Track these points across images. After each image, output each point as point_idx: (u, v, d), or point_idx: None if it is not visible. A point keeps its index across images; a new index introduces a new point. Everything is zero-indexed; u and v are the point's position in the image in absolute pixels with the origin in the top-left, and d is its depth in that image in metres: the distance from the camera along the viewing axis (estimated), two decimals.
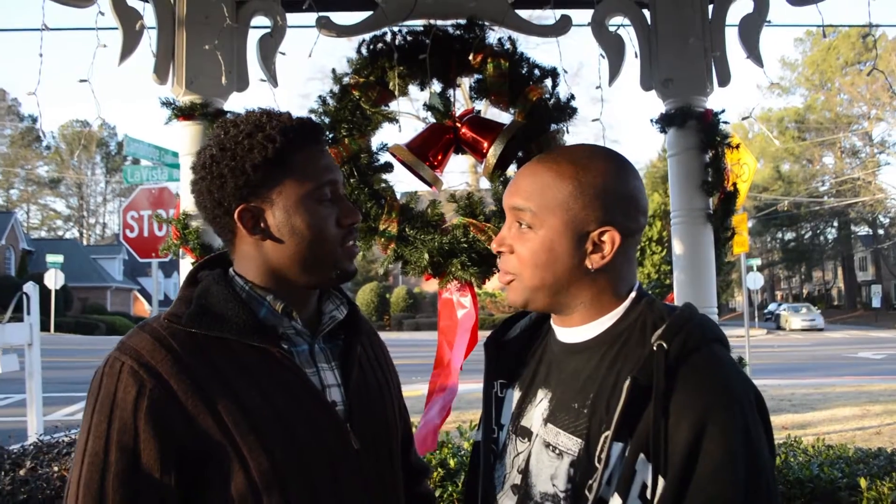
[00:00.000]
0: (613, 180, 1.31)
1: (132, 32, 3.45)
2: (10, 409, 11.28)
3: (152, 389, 1.25)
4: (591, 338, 1.33)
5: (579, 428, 1.25)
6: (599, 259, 1.30)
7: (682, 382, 1.16)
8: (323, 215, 1.41)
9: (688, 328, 1.22)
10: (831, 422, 9.83)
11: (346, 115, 3.38)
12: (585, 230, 1.29)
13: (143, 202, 10.71)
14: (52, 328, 30.43)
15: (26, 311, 6.02)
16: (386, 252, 3.28)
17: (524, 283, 1.34)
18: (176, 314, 1.36)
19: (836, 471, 3.44)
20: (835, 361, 20.51)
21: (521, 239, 1.33)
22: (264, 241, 1.41)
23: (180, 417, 1.26)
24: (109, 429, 1.24)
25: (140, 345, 1.31)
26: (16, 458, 3.61)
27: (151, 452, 1.24)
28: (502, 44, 3.50)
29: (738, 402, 1.16)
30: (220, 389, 1.29)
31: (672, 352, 1.18)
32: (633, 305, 1.33)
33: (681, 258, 3.59)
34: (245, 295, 1.41)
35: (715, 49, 3.67)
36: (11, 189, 69.88)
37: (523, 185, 1.35)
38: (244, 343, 1.34)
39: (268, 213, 1.40)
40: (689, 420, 1.13)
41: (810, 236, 63.38)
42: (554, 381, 1.37)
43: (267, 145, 1.36)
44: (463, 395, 11.46)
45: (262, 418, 1.30)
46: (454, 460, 3.68)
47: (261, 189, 1.38)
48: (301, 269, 1.42)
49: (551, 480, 1.27)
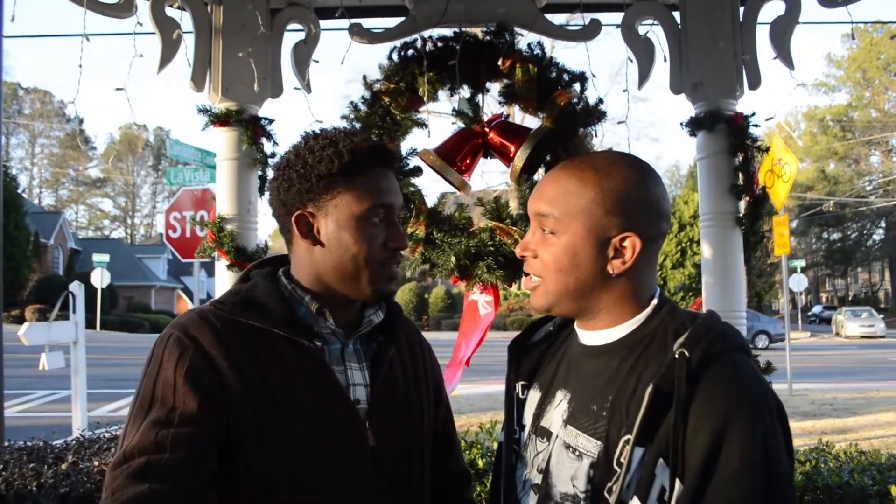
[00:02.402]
0: (635, 187, 1.33)
1: (170, 41, 3.56)
2: (56, 405, 11.55)
3: (194, 353, 1.37)
4: (612, 342, 1.35)
5: (598, 431, 1.27)
6: (621, 264, 1.32)
7: (703, 390, 1.18)
8: (370, 234, 1.48)
9: (710, 337, 1.23)
10: (873, 427, 9.62)
11: (377, 121, 3.45)
12: (607, 236, 1.31)
13: (186, 203, 10.91)
14: (98, 326, 31.08)
15: (72, 310, 6.17)
16: (414, 255, 3.34)
17: (547, 288, 1.37)
18: (223, 302, 1.49)
19: (866, 477, 3.38)
20: (881, 366, 20.04)
21: (545, 244, 1.36)
22: (314, 247, 1.50)
23: (216, 382, 1.36)
24: (154, 388, 1.36)
25: (189, 321, 1.44)
26: (59, 452, 3.72)
27: (189, 405, 1.33)
28: (531, 48, 3.53)
29: (758, 411, 1.18)
30: (253, 370, 1.40)
31: (694, 360, 1.20)
32: (655, 312, 1.34)
33: (709, 262, 3.59)
34: (287, 294, 1.52)
35: (745, 52, 3.65)
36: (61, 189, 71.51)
37: (547, 192, 1.37)
38: (279, 334, 1.44)
39: (321, 222, 1.49)
40: (708, 427, 1.15)
41: (856, 237, 62.00)
42: (573, 382, 1.39)
43: (335, 160, 1.45)
44: (497, 396, 11.45)
45: (283, 401, 1.40)
46: (482, 461, 3.70)
47: (320, 199, 1.48)
48: (340, 279, 1.50)
49: (571, 481, 1.29)
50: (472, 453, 3.87)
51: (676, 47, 3.74)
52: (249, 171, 3.70)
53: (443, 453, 1.74)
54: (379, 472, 1.48)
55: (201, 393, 1.34)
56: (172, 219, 10.93)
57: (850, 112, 54.40)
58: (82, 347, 6.20)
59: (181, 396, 1.33)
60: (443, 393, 1.79)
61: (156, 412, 1.33)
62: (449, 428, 1.80)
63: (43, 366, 5.87)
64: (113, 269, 33.55)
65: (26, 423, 9.21)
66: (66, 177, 70.69)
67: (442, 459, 1.73)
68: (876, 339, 33.66)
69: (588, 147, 3.43)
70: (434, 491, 1.66)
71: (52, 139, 69.11)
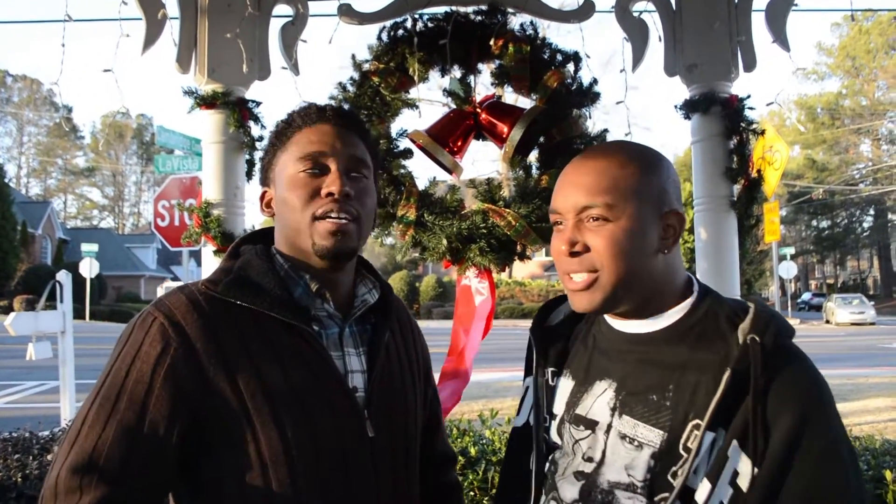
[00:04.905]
0: (666, 168, 1.36)
1: (155, 22, 3.48)
2: (44, 396, 11.47)
3: (176, 348, 1.29)
4: (660, 329, 1.34)
5: (661, 420, 1.27)
6: (672, 243, 1.34)
7: (781, 377, 1.20)
8: (301, 185, 1.42)
9: (775, 322, 1.24)
10: (863, 413, 9.67)
11: (366, 101, 3.38)
12: (659, 213, 1.32)
13: (175, 191, 10.83)
14: (87, 316, 30.92)
15: (59, 300, 6.10)
16: (404, 238, 3.27)
17: (608, 278, 1.30)
18: (214, 281, 1.40)
19: (861, 463, 3.38)
20: (870, 352, 20.16)
21: (599, 233, 1.30)
22: (273, 218, 1.51)
23: (199, 380, 1.29)
24: (126, 378, 1.28)
25: (175, 304, 1.35)
26: (45, 443, 3.68)
27: (161, 410, 1.27)
28: (524, 29, 3.47)
29: (830, 398, 1.22)
30: (243, 360, 1.32)
31: (767, 346, 1.21)
32: (700, 299, 1.35)
33: (704, 246, 3.55)
34: (283, 273, 1.44)
35: (741, 34, 3.61)
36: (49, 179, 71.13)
37: (586, 182, 1.32)
38: (275, 318, 1.36)
39: (273, 193, 1.50)
40: (791, 411, 1.18)
41: (845, 224, 62.35)
42: (617, 371, 1.37)
43: (274, 132, 1.49)
44: (491, 383, 11.51)
45: (279, 393, 1.32)
46: (475, 448, 3.67)
47: (270, 172, 1.50)
48: (293, 243, 1.46)
49: (626, 470, 1.28)
50: (464, 441, 3.84)
51: (671, 29, 3.69)
52: (236, 154, 3.63)
53: (430, 434, 1.71)
54: (377, 463, 1.44)
55: (181, 397, 1.28)
56: (161, 207, 10.84)
57: (840, 101, 54.55)
58: (70, 337, 6.14)
59: (155, 399, 1.27)
60: (431, 374, 1.76)
61: (124, 411, 1.26)
62: (436, 408, 1.77)
63: (30, 356, 5.81)
64: (102, 259, 33.42)
65: (14, 415, 9.17)
66: (55, 166, 70.28)
67: (429, 440, 1.70)
68: (866, 326, 33.74)
69: (583, 128, 3.37)
70: (420, 472, 1.61)
71: (40, 128, 68.75)
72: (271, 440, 1.31)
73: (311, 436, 1.34)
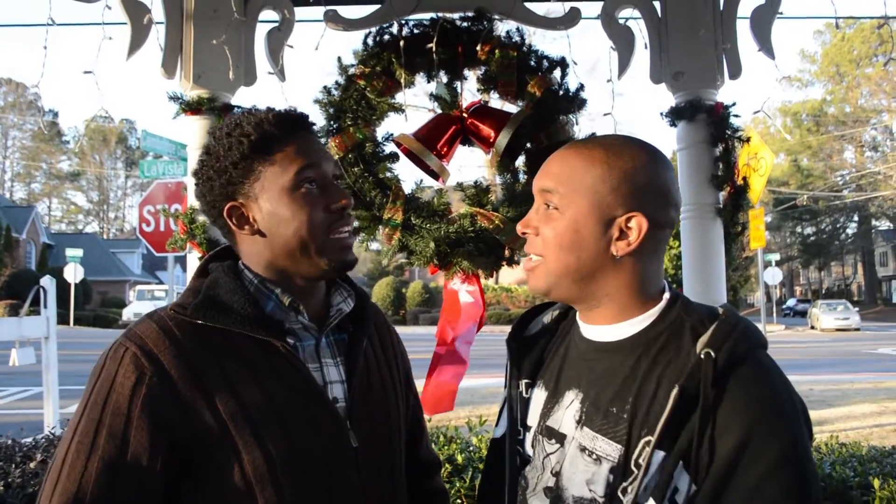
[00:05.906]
0: (644, 168, 1.29)
1: (140, 27, 3.46)
2: (27, 402, 11.39)
3: (151, 377, 1.26)
4: (625, 338, 1.30)
5: (619, 434, 1.23)
6: (625, 246, 1.27)
7: (730, 393, 1.15)
8: (306, 201, 1.39)
9: (735, 336, 1.20)
10: (848, 419, 9.73)
11: (351, 105, 3.36)
12: (612, 215, 1.27)
13: (160, 196, 10.80)
14: (72, 322, 30.71)
15: (43, 305, 6.05)
16: (390, 242, 3.25)
17: (548, 266, 1.31)
18: (182, 305, 1.37)
19: (848, 469, 3.38)
20: (854, 357, 20.27)
21: (548, 220, 1.31)
22: (254, 236, 1.42)
23: (177, 408, 1.27)
24: (103, 412, 1.26)
25: (146, 333, 1.32)
26: (27, 450, 3.63)
27: (141, 441, 1.25)
28: (510, 35, 3.47)
29: (786, 416, 1.16)
30: (220, 382, 1.30)
31: (720, 361, 1.16)
32: (669, 306, 1.30)
33: (690, 253, 3.56)
34: (253, 288, 1.41)
35: (726, 41, 3.62)
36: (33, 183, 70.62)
37: (553, 168, 1.33)
38: (248, 336, 1.34)
39: (253, 208, 1.41)
40: (735, 431, 1.13)
41: (830, 230, 62.79)
42: (585, 381, 1.33)
43: (243, 140, 1.38)
44: (478, 389, 11.50)
45: (259, 413, 1.30)
46: (462, 456, 3.66)
47: (244, 185, 1.41)
48: (292, 260, 1.41)
49: (587, 485, 1.25)
50: (451, 448, 3.83)
51: (657, 36, 3.70)
52: None
53: (414, 441, 1.69)
54: (362, 472, 1.42)
55: (161, 426, 1.26)
56: (146, 212, 10.81)
57: (824, 108, 54.99)
58: (53, 343, 6.08)
59: (135, 430, 1.25)
60: (412, 379, 1.74)
61: (104, 446, 1.24)
62: (419, 414, 1.75)
63: (13, 362, 5.76)
64: (87, 264, 33.22)
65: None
66: (39, 170, 69.79)
67: (413, 447, 1.68)
68: (851, 332, 33.95)
69: (570, 133, 3.37)
70: (406, 479, 1.60)
71: (24, 132, 68.24)
72: (255, 460, 1.29)
73: (295, 452, 1.32)
